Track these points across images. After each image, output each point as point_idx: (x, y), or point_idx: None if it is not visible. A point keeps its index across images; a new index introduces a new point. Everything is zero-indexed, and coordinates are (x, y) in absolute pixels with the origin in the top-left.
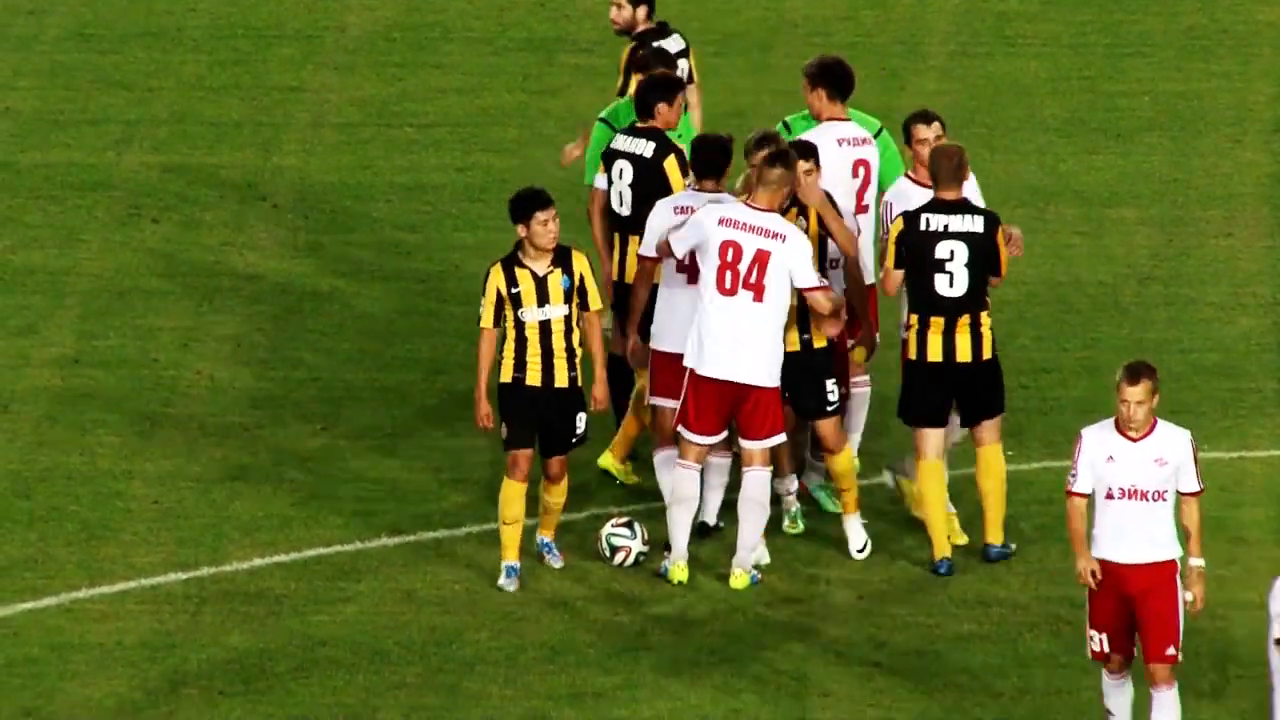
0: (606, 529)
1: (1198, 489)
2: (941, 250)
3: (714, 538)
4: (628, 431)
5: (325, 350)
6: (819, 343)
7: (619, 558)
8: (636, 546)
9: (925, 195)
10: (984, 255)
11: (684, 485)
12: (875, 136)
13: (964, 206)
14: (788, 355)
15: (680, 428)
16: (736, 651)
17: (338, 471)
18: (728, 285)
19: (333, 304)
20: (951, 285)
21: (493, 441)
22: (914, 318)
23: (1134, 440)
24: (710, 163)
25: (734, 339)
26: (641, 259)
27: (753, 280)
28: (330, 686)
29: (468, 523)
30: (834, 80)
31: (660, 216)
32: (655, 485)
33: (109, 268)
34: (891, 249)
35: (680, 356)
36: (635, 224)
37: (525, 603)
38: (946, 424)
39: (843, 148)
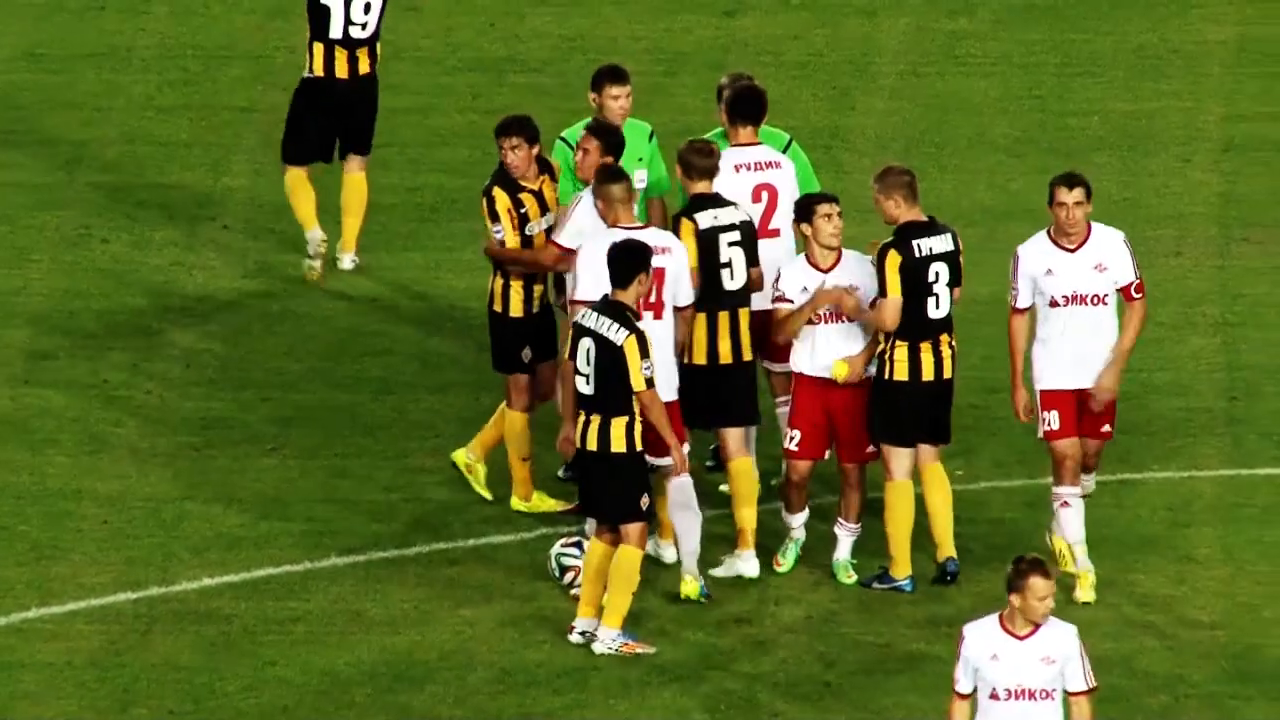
0: (555, 548)
1: (1087, 688)
2: (930, 273)
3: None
4: (519, 474)
5: (275, 370)
6: (747, 356)
7: (569, 577)
8: None
9: (1061, 257)
10: (955, 271)
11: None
12: (785, 149)
13: (936, 226)
14: (721, 367)
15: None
16: (686, 671)
17: (288, 491)
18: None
19: (283, 324)
20: (938, 306)
21: (442, 462)
22: (901, 342)
23: None
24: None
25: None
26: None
27: (653, 299)
28: (280, 706)
29: (418, 542)
30: (737, 106)
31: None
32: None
33: (59, 288)
34: (896, 278)
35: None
36: None
37: (475, 623)
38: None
39: (740, 173)
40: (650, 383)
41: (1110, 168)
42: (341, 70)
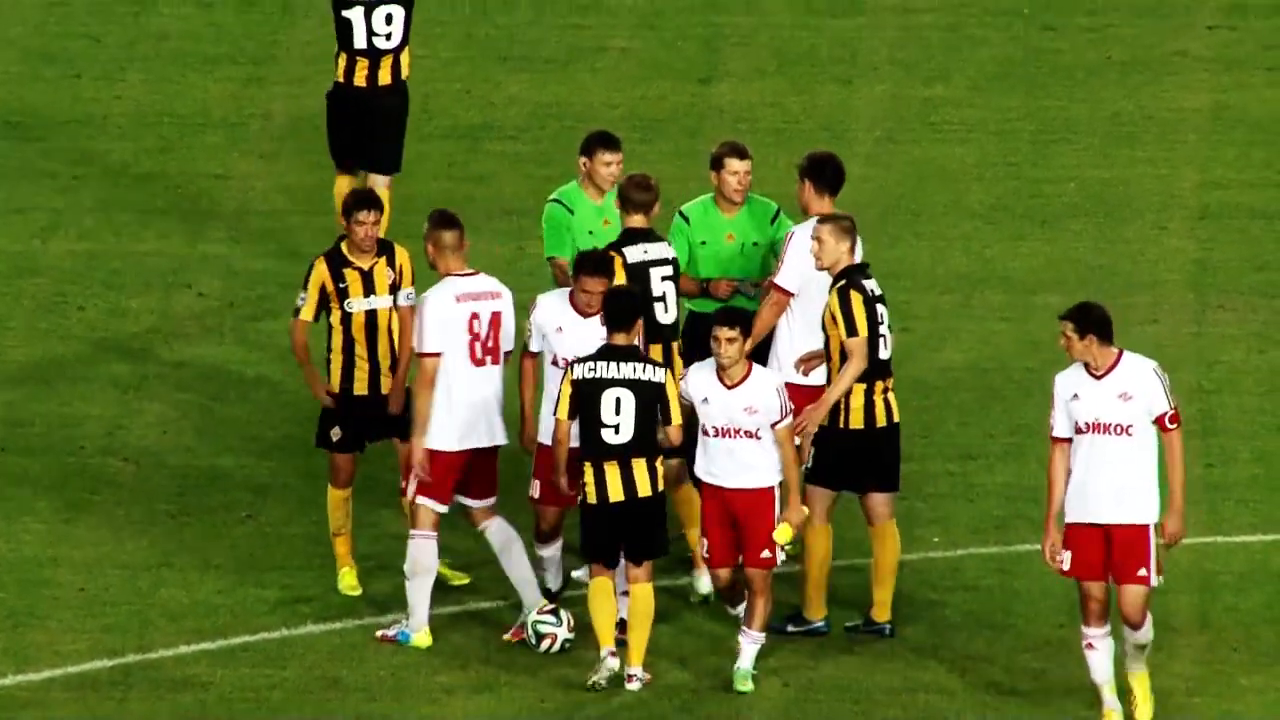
0: (532, 616)
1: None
2: (879, 314)
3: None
4: (336, 549)
5: (251, 437)
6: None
7: (545, 644)
8: (562, 634)
9: (1088, 383)
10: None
11: (426, 555)
12: (773, 219)
13: (868, 269)
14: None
15: (423, 498)
16: None
17: (264, 558)
18: (479, 356)
19: (259, 391)
20: (885, 347)
21: None
22: (858, 386)
23: None
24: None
25: (489, 405)
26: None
27: (490, 345)
28: None
29: (394, 609)
30: (821, 174)
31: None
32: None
33: (35, 354)
34: (864, 315)
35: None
36: None
37: (451, 689)
38: None
39: None
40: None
41: (1086, 234)
42: (360, 79)
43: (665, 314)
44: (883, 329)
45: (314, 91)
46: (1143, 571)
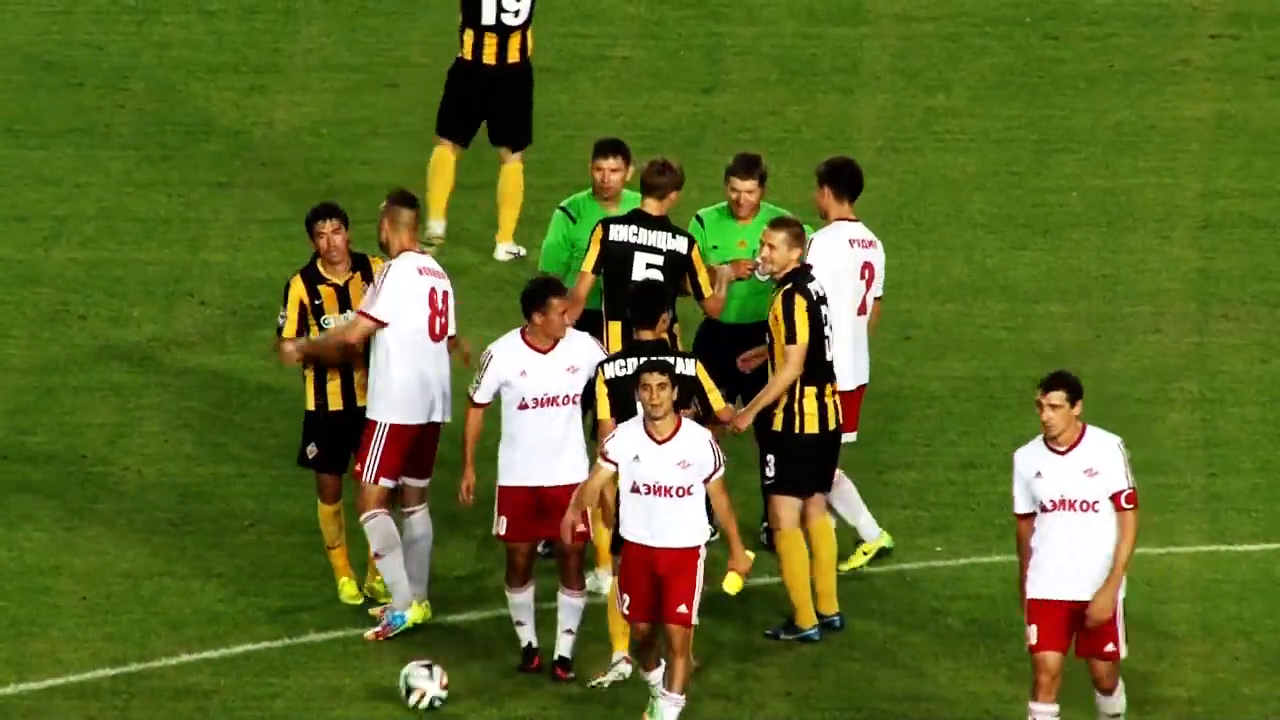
0: (408, 668)
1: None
2: (823, 316)
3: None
4: (334, 562)
5: (253, 445)
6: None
7: (413, 699)
8: (433, 690)
9: (1051, 460)
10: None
11: (389, 530)
12: None
13: (812, 269)
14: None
15: (380, 479)
16: None
17: (266, 567)
18: (436, 332)
19: (261, 399)
20: (829, 351)
21: None
22: (810, 389)
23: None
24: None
25: (444, 380)
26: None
27: (444, 322)
28: None
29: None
30: (841, 179)
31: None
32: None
33: (37, 363)
34: (805, 321)
35: (524, 490)
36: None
37: (452, 698)
38: None
39: (854, 249)
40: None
41: (1088, 244)
42: (489, 56)
43: None
44: (827, 330)
45: (316, 100)
46: (1111, 646)
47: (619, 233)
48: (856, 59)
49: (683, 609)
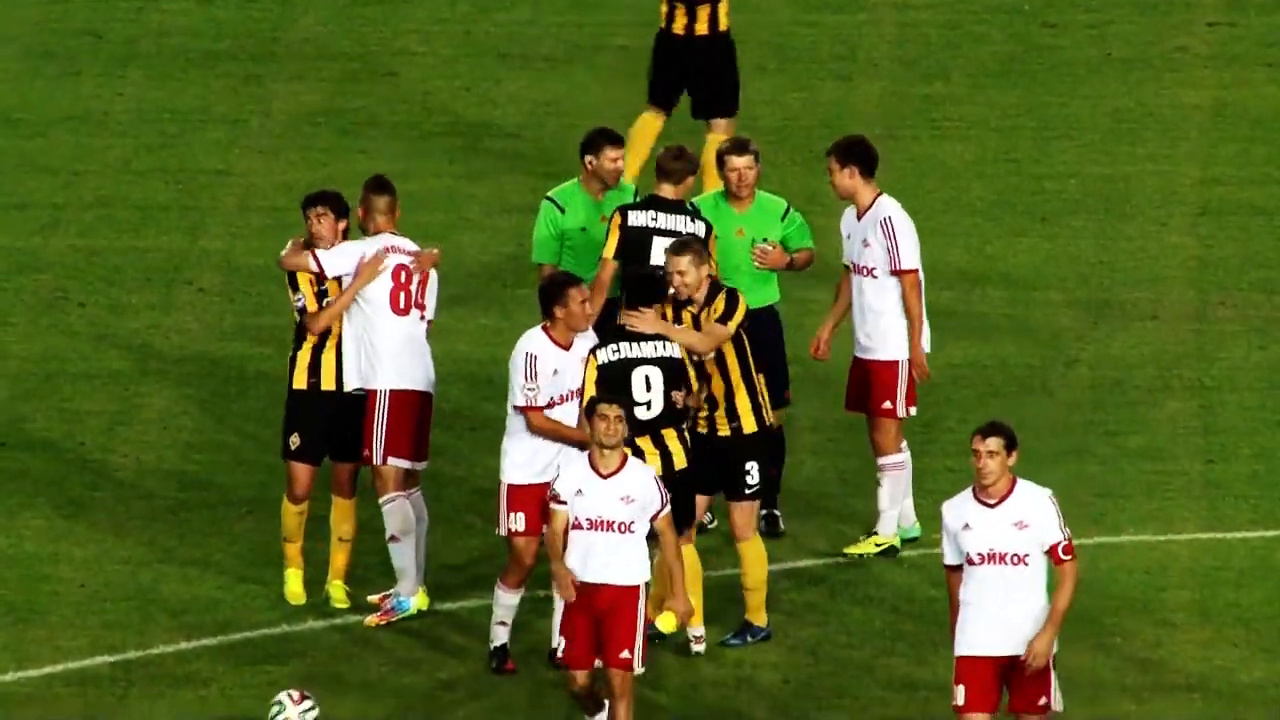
0: (284, 695)
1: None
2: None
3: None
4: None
5: (251, 433)
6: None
7: (273, 711)
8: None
9: (979, 512)
10: None
11: (408, 514)
12: (784, 216)
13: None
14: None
15: (389, 458)
16: None
17: (265, 554)
18: (401, 306)
19: (259, 386)
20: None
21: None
22: (744, 390)
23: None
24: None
25: (414, 347)
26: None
27: (418, 300)
28: None
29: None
30: (867, 158)
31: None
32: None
33: (36, 351)
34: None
35: (538, 487)
36: None
37: (451, 685)
38: None
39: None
40: None
41: (1087, 231)
42: (679, 27)
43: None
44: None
45: (314, 88)
46: (1044, 700)
47: (637, 218)
48: (854, 46)
49: (625, 654)
